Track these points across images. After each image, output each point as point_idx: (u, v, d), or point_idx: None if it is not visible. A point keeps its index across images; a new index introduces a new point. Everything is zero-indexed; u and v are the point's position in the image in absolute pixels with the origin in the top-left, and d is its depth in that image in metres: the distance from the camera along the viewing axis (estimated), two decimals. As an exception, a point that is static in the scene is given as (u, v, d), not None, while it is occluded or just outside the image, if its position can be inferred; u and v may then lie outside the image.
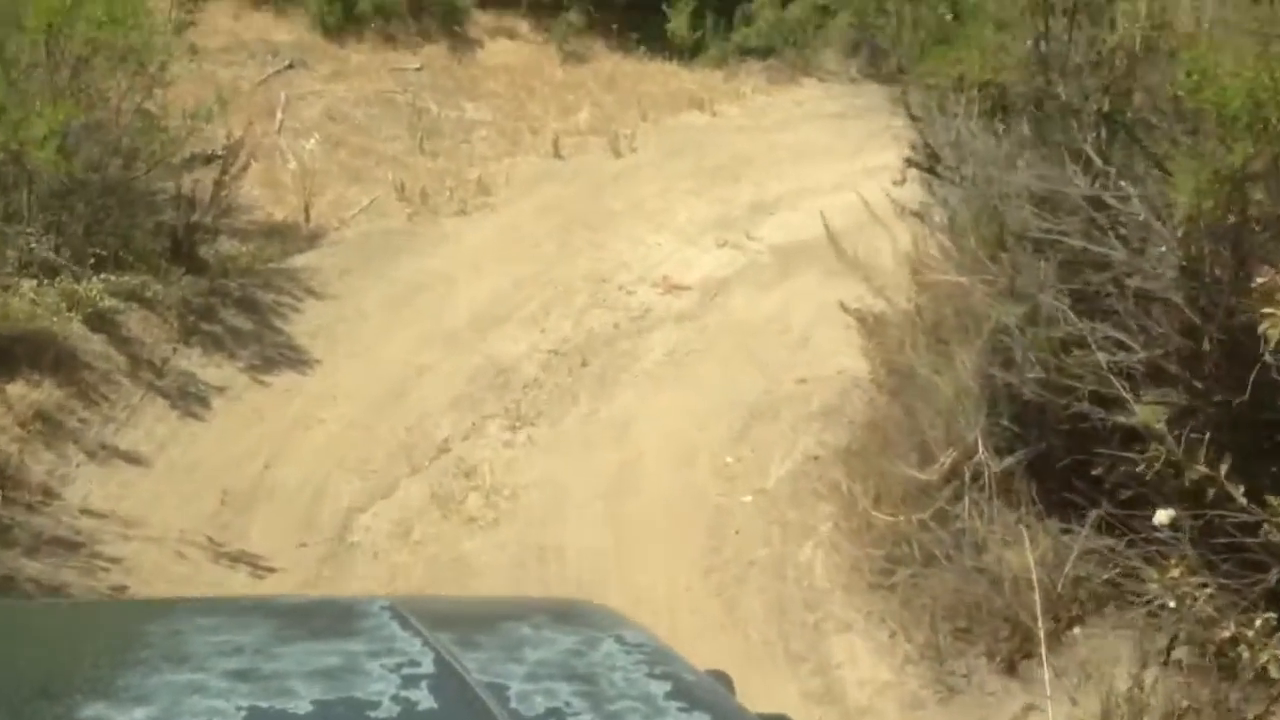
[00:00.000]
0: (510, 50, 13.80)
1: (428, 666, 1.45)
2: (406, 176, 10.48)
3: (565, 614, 1.84)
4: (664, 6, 14.00)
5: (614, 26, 14.21)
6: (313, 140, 10.85)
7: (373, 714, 1.32)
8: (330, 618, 1.70)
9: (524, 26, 14.20)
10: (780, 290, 9.78)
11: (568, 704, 1.43)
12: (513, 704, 1.40)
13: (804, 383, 8.33)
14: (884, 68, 14.25)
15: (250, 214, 9.42)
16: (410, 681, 1.40)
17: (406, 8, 13.47)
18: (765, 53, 14.12)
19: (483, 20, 14.12)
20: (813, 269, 10.04)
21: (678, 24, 13.85)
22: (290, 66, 12.15)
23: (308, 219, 9.37)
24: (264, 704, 1.29)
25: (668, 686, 1.52)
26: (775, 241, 10.58)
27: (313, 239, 9.14)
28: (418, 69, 12.78)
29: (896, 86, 13.79)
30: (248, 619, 1.63)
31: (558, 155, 11.42)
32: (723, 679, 1.91)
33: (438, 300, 8.65)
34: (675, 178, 11.37)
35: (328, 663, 1.43)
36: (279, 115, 11.14)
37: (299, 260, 8.70)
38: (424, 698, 1.37)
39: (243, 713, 1.28)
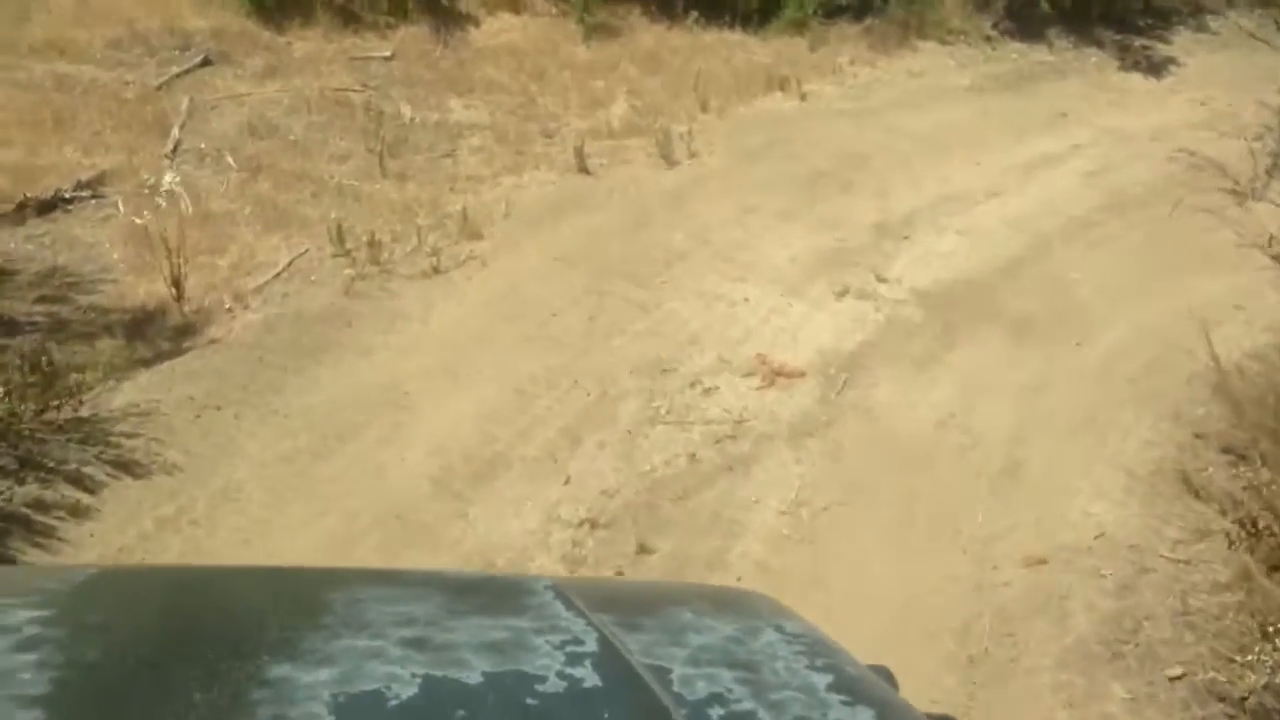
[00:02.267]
0: (515, 26, 10.16)
1: (591, 646, 1.44)
2: (355, 214, 6.89)
3: (726, 601, 1.80)
4: (720, -46, 10.31)
5: (654, -13, 10.55)
6: (222, 166, 7.28)
7: (539, 688, 1.32)
8: (498, 594, 1.70)
9: (534, -6, 10.55)
10: (947, 369, 6.08)
11: (729, 690, 1.40)
12: (675, 687, 1.39)
13: (1039, 566, 4.61)
14: (1034, 19, 10.48)
15: (94, 292, 5.85)
16: (575, 659, 1.39)
17: (375, -22, 9.87)
18: (861, 10, 10.38)
19: (478, -11, 10.49)
20: (991, 328, 6.35)
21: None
22: (205, 63, 8.59)
23: (180, 298, 5.78)
24: (437, 673, 1.31)
25: (830, 679, 1.48)
26: (921, 284, 6.88)
27: (180, 337, 5.54)
28: (387, 57, 9.18)
29: (1054, 44, 9.99)
30: (421, 591, 1.64)
31: (583, 169, 7.77)
32: (884, 673, 1.78)
33: (377, 445, 5.01)
34: (758, 192, 7.69)
35: (496, 637, 1.43)
36: (175, 133, 7.58)
37: (129, 387, 5.05)
38: (588, 675, 1.36)
39: (418, 680, 1.29)
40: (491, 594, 1.71)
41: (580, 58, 9.67)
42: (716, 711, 1.39)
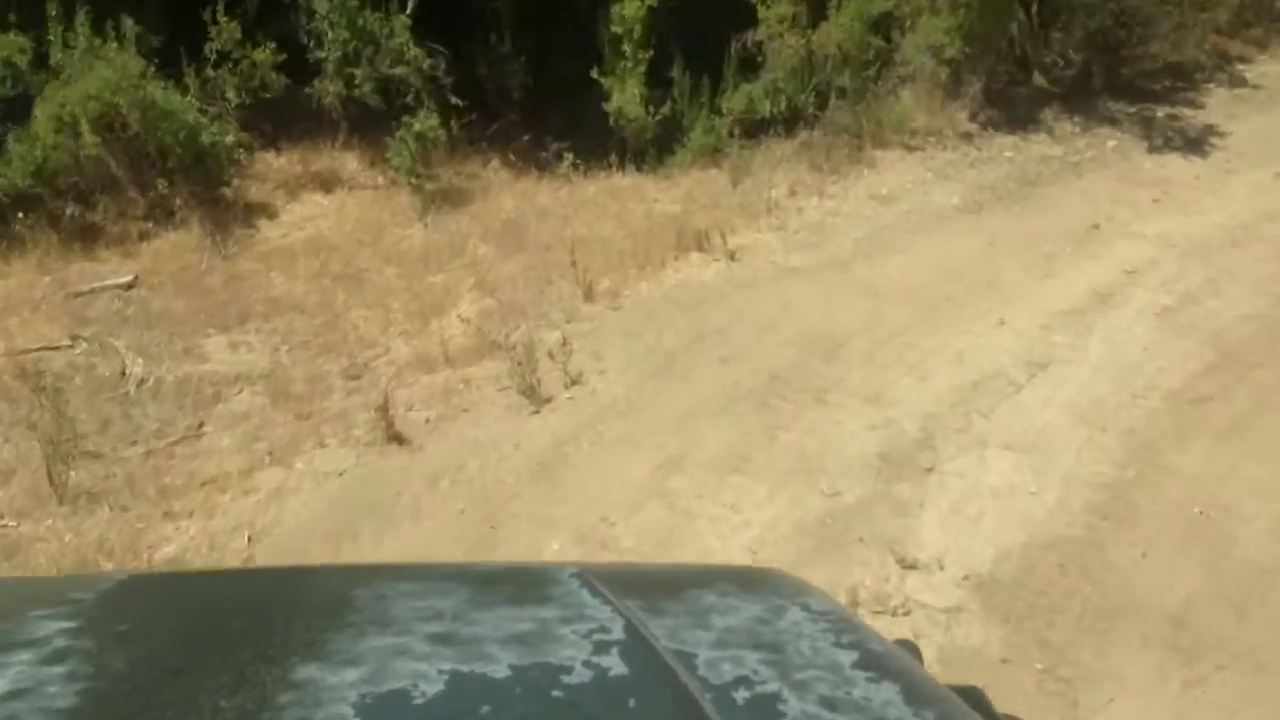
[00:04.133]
0: (327, 210, 7.35)
1: (617, 633, 1.43)
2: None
3: (750, 581, 1.78)
4: (596, 76, 7.59)
5: (509, 126, 7.84)
6: None
7: (566, 679, 1.32)
8: (522, 584, 1.69)
9: (352, 162, 7.77)
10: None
11: (755, 672, 1.39)
12: (701, 671, 1.38)
13: None
14: (1021, 101, 7.82)
15: None
16: (601, 648, 1.39)
17: (126, 173, 7.05)
18: (792, 120, 7.68)
19: (278, 165, 7.70)
20: (1131, 649, 3.43)
21: (623, 100, 7.42)
22: None
23: None
24: (464, 668, 1.32)
25: (855, 655, 1.47)
26: (978, 564, 4.11)
27: None
28: (127, 285, 6.32)
29: (1056, 130, 7.35)
30: (446, 584, 1.64)
31: (395, 436, 4.85)
32: (911, 649, 1.76)
33: None
34: (681, 432, 4.79)
35: (522, 628, 1.44)
36: None
37: None
38: (615, 664, 1.36)
39: (445, 676, 1.30)
40: (517, 584, 1.72)
41: (414, 242, 6.84)
42: (743, 694, 1.36)
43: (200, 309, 6.11)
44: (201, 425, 5.17)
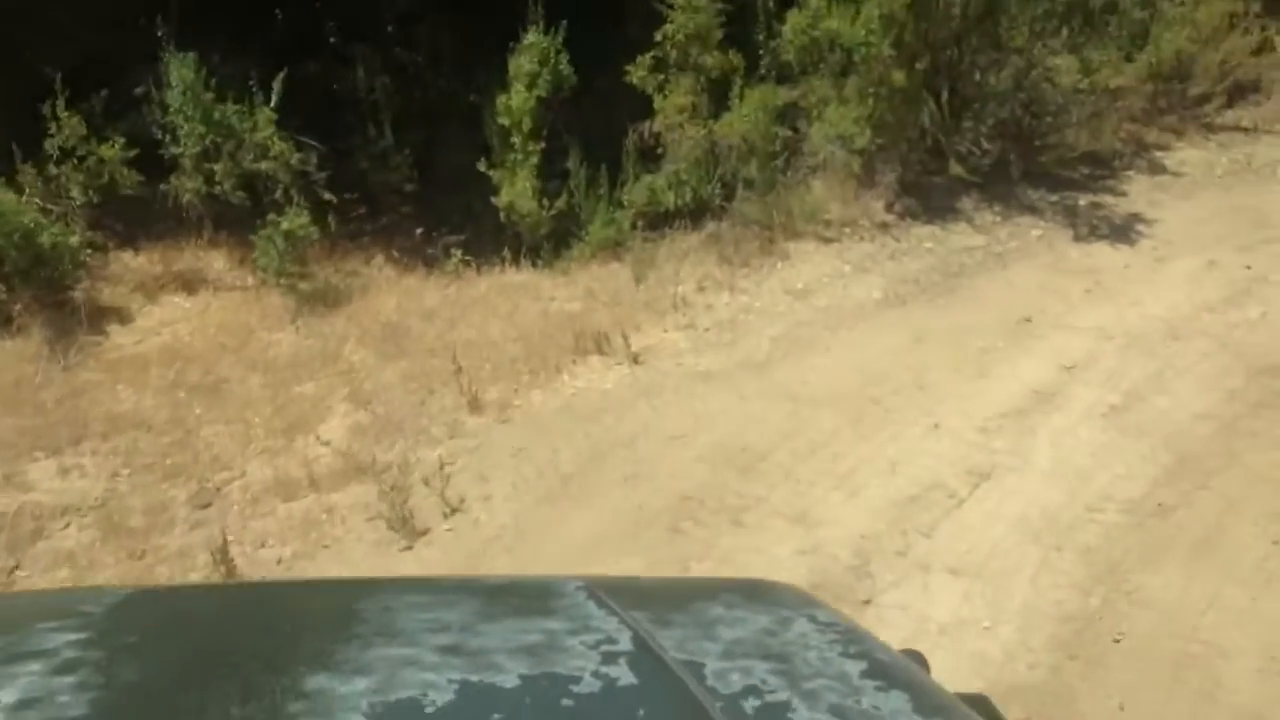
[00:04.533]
0: (189, 313, 6.62)
1: (625, 644, 1.44)
2: None
3: (756, 593, 1.78)
4: (483, 168, 7.02)
5: (397, 221, 7.23)
6: None
7: (575, 689, 1.32)
8: (529, 597, 1.71)
9: (218, 261, 7.05)
10: None
11: (764, 682, 1.39)
12: (709, 681, 1.38)
13: None
14: (939, 190, 7.42)
15: None
16: (609, 658, 1.39)
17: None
18: (698, 212, 7.16)
19: (135, 266, 6.96)
20: None
21: (514, 193, 6.85)
22: None
23: None
24: (473, 678, 1.33)
25: (863, 665, 1.47)
26: None
27: None
28: (-57, 405, 5.49)
29: (977, 220, 6.99)
30: (453, 597, 1.67)
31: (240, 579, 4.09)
32: (917, 658, 1.75)
33: None
34: (575, 569, 4.10)
35: (530, 640, 1.44)
36: None
37: None
38: (623, 674, 1.36)
39: (454, 685, 1.31)
40: (523, 597, 1.72)
41: (283, 348, 6.12)
42: (752, 703, 1.36)
43: (29, 428, 5.31)
44: (15, 569, 4.37)
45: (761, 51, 7.58)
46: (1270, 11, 9.06)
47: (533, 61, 6.71)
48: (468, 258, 6.85)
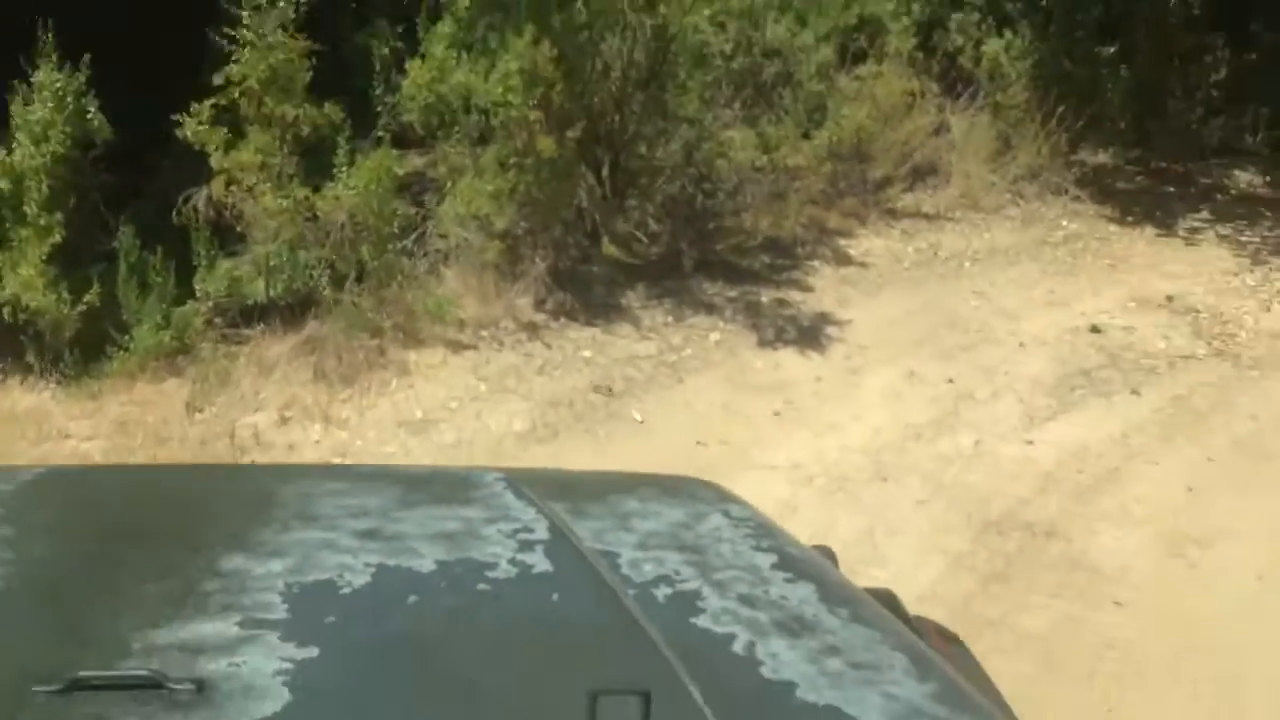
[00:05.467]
0: None
1: (541, 533, 1.48)
2: None
3: (672, 489, 1.82)
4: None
5: None
6: None
7: (491, 574, 1.37)
8: (448, 486, 1.74)
9: None
10: None
11: (676, 572, 1.44)
12: (623, 570, 1.43)
13: None
14: (598, 281, 6.10)
15: None
16: (525, 546, 1.43)
17: None
18: (301, 307, 5.50)
19: None
20: None
21: (20, 283, 4.92)
22: None
23: None
24: (390, 562, 1.35)
25: (774, 559, 1.52)
26: None
27: None
28: None
29: (643, 320, 5.66)
30: (372, 484, 1.70)
31: None
32: (827, 553, 1.81)
33: None
34: None
35: (447, 527, 1.48)
36: None
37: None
38: (539, 561, 1.41)
39: (371, 569, 1.33)
40: (442, 486, 1.73)
41: None
42: (663, 591, 1.40)
43: None
44: None
45: (379, 108, 6.05)
46: (947, 91, 8.44)
47: (46, 107, 4.85)
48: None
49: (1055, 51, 8.67)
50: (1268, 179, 9.25)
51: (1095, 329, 6.48)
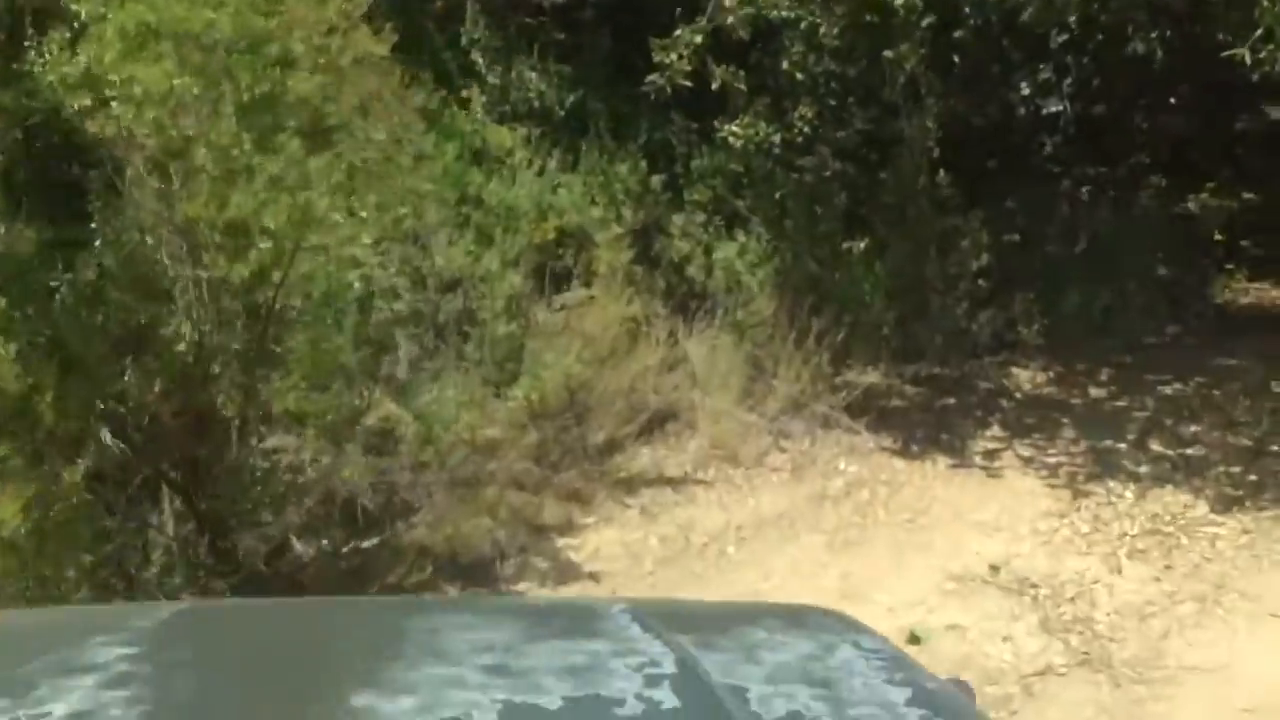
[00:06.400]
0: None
1: (669, 667, 1.44)
2: None
3: (800, 619, 1.79)
4: None
5: None
6: None
7: (619, 711, 1.32)
8: (574, 619, 1.72)
9: None
10: None
11: (808, 707, 1.40)
12: (754, 706, 1.38)
13: None
14: None
15: None
16: (653, 681, 1.39)
17: None
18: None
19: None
20: None
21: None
22: None
23: None
24: (517, 698, 1.33)
25: (908, 693, 1.46)
26: None
27: None
28: None
29: None
30: (497, 618, 1.69)
31: None
32: (964, 688, 1.77)
33: None
34: None
35: (574, 661, 1.44)
36: None
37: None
38: (667, 697, 1.36)
39: (498, 706, 1.31)
40: (567, 619, 1.72)
41: None
42: None
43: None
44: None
45: None
46: (678, 310, 6.73)
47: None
48: None
49: (798, 252, 7.15)
50: (1050, 374, 7.97)
51: (914, 638, 4.69)
